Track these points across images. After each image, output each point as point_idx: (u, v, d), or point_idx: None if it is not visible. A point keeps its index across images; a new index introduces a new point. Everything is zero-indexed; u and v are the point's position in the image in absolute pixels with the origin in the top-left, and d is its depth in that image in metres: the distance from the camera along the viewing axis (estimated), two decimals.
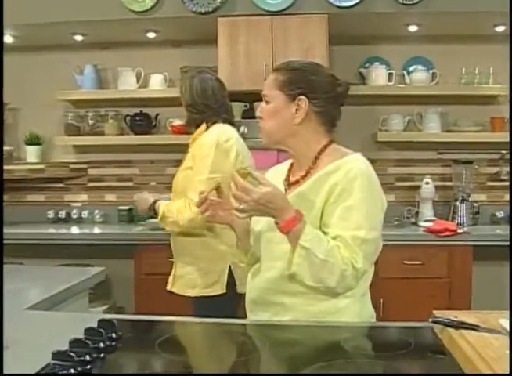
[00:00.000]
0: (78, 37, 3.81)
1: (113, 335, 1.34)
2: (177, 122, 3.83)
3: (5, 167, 3.86)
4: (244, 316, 1.72)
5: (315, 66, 1.70)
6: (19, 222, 3.93)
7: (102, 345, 1.27)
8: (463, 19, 3.45)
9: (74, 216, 4.03)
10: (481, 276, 3.36)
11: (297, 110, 1.60)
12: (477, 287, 3.34)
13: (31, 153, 4.00)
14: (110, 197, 4.13)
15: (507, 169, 3.80)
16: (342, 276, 1.47)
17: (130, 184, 4.12)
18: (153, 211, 2.48)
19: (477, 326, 1.36)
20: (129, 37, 3.83)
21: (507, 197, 3.81)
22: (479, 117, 3.77)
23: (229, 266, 2.37)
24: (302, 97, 1.59)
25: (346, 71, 3.65)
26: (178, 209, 2.34)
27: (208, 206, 1.69)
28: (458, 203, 3.70)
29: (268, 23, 3.38)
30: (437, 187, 3.75)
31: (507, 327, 1.33)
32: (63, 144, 4.03)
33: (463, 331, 1.34)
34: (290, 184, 1.69)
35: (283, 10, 3.36)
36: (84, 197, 4.16)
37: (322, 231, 1.52)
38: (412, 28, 3.62)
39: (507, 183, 3.80)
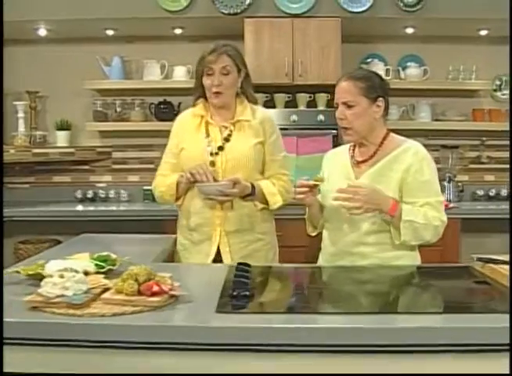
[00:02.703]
0: (110, 32, 4.16)
1: (249, 275, 1.80)
2: None
3: (40, 150, 4.23)
4: None
5: (375, 73, 2.21)
6: (49, 202, 4.27)
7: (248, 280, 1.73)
8: (452, 24, 3.99)
9: (102, 195, 4.39)
10: (467, 245, 3.92)
11: (377, 108, 2.09)
12: (464, 254, 3.91)
13: (61, 138, 4.34)
14: (133, 178, 4.51)
15: (487, 154, 4.43)
16: (436, 230, 2.07)
17: (152, 166, 4.50)
18: (251, 197, 2.34)
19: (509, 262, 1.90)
20: (156, 32, 4.20)
21: (486, 177, 4.46)
22: (463, 108, 4.35)
23: None
24: (381, 98, 2.09)
25: (350, 67, 4.12)
26: (286, 190, 2.41)
27: (307, 191, 2.13)
28: (445, 183, 4.26)
29: (289, 24, 3.85)
30: None
31: None
32: (90, 129, 4.36)
33: (500, 265, 1.87)
34: (358, 163, 2.19)
35: (303, 13, 3.84)
36: (108, 178, 4.53)
37: (408, 201, 2.07)
38: (409, 30, 4.15)
39: (486, 166, 4.44)
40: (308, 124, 3.92)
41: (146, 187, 4.36)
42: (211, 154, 2.35)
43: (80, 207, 4.21)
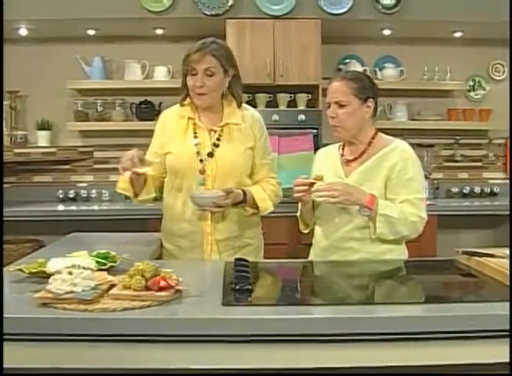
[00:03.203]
0: (91, 32, 4.17)
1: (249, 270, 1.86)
2: None
3: (22, 150, 4.22)
4: None
5: (366, 75, 2.30)
6: (30, 202, 4.25)
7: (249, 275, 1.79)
8: (428, 26, 4.13)
9: (84, 195, 4.39)
10: (443, 240, 4.05)
11: (367, 109, 2.17)
12: (440, 250, 4.04)
13: (42, 138, 4.34)
14: (115, 177, 4.49)
15: (460, 152, 4.58)
16: (412, 225, 2.14)
17: None
18: (242, 204, 2.31)
19: (493, 254, 2.00)
20: (137, 32, 4.23)
21: (460, 175, 4.61)
22: (438, 108, 4.50)
23: None
24: (371, 99, 2.17)
25: (329, 67, 4.24)
26: (275, 194, 2.41)
27: (306, 190, 2.18)
28: None
29: (270, 25, 3.93)
30: None
31: None
32: (71, 129, 4.36)
33: (485, 258, 1.97)
34: (348, 162, 2.27)
35: (284, 15, 3.92)
36: (89, 177, 4.53)
37: (390, 198, 2.15)
38: (386, 32, 4.27)
39: (460, 164, 4.60)
40: (289, 123, 3.99)
41: None
42: (201, 161, 2.29)
43: (62, 207, 4.20)
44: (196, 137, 2.32)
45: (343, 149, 2.34)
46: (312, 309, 1.56)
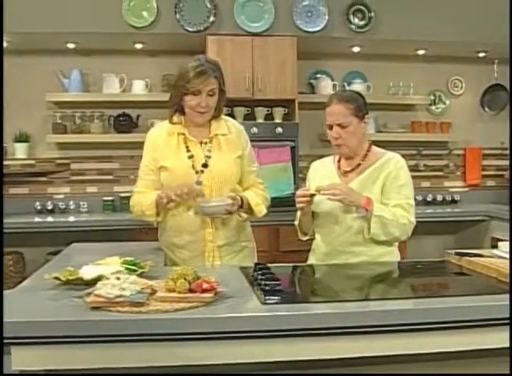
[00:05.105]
0: (70, 45, 4.22)
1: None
2: (157, 122, 4.39)
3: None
4: None
5: (358, 93, 2.50)
6: (7, 214, 4.21)
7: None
8: (394, 44, 4.41)
9: (61, 207, 4.41)
10: (409, 246, 4.30)
11: (364, 125, 2.38)
12: (409, 254, 4.30)
13: (20, 150, 4.34)
14: (92, 189, 4.57)
15: (423, 162, 4.88)
16: (403, 227, 2.35)
17: (110, 177, 4.59)
18: (240, 209, 2.45)
19: (482, 255, 2.23)
20: (117, 46, 4.31)
21: (423, 184, 4.91)
22: (402, 121, 4.80)
23: None
24: (367, 115, 2.38)
25: (299, 82, 4.44)
26: (266, 198, 2.56)
27: (309, 200, 2.36)
28: None
29: (249, 42, 4.12)
30: None
31: (500, 253, 2.20)
32: (49, 141, 4.38)
33: (475, 258, 2.19)
34: (345, 172, 2.46)
35: (262, 32, 4.12)
36: (66, 189, 4.55)
37: (384, 202, 2.36)
38: (355, 49, 4.52)
39: (423, 173, 4.90)
40: (267, 136, 4.16)
41: (105, 198, 4.45)
42: (197, 172, 2.40)
43: (39, 219, 4.21)
44: (189, 151, 2.43)
45: (339, 161, 2.53)
46: (347, 305, 1.69)
